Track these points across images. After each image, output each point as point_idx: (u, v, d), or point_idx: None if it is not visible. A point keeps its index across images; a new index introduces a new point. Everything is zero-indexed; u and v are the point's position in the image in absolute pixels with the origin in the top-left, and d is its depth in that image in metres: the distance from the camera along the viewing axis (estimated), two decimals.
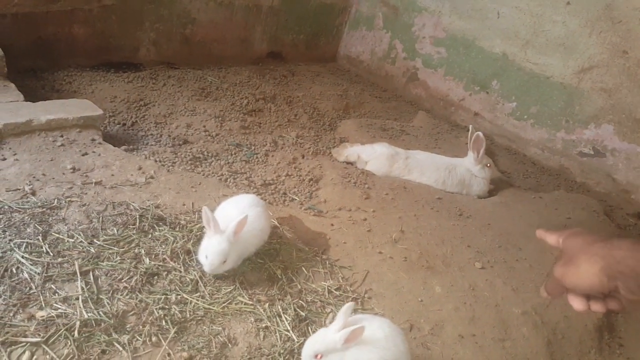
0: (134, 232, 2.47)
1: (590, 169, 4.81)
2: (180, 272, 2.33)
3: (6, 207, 2.40)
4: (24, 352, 1.78)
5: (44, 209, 2.45)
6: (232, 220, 2.28)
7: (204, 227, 2.39)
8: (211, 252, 2.26)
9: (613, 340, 2.89)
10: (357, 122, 4.88)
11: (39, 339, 1.82)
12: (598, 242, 1.16)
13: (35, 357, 1.78)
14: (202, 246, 2.33)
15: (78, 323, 1.91)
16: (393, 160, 3.90)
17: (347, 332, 1.80)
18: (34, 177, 2.69)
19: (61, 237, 2.31)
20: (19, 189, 2.56)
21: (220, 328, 2.12)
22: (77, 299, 2.03)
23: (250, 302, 2.28)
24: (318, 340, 1.91)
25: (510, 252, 3.19)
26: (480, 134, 3.87)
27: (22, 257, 2.14)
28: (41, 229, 2.32)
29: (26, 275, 2.07)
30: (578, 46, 4.64)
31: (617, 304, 1.18)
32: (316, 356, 1.89)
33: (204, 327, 2.10)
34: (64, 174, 2.79)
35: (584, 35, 4.58)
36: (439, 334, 2.45)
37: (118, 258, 2.29)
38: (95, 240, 2.34)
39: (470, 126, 4.05)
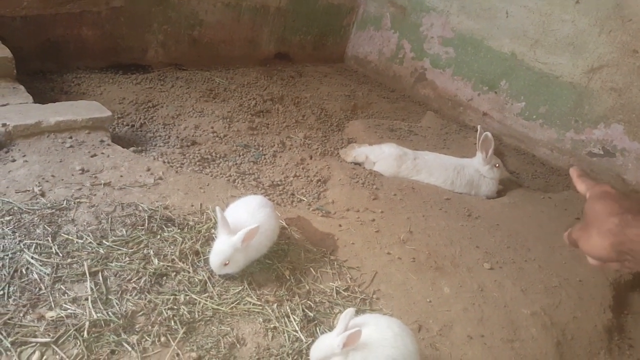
0: (143, 233, 2.48)
1: (599, 169, 4.78)
2: (189, 272, 2.34)
3: (16, 208, 2.42)
4: (33, 352, 1.79)
5: (53, 210, 2.46)
6: (241, 222, 2.30)
7: (212, 228, 2.39)
8: (213, 251, 2.31)
9: (623, 341, 2.87)
10: (365, 122, 4.88)
11: (48, 339, 1.83)
12: (615, 216, 1.13)
13: (45, 357, 1.79)
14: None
15: (87, 323, 1.92)
16: (401, 161, 3.89)
17: (345, 336, 1.82)
18: (43, 179, 2.70)
19: (70, 238, 2.32)
20: (29, 190, 2.57)
21: (228, 328, 2.12)
22: (87, 299, 2.04)
23: (259, 303, 2.28)
24: (318, 347, 1.94)
25: (519, 253, 3.17)
26: (489, 134, 3.85)
27: (32, 257, 2.16)
28: (50, 230, 2.33)
29: (36, 276, 2.09)
30: (587, 45, 4.61)
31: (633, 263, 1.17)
32: None
33: (213, 328, 2.10)
34: (73, 175, 2.81)
35: (594, 34, 4.55)
36: (447, 334, 2.44)
37: (127, 259, 2.30)
38: (104, 241, 2.35)
39: (479, 126, 4.03)
